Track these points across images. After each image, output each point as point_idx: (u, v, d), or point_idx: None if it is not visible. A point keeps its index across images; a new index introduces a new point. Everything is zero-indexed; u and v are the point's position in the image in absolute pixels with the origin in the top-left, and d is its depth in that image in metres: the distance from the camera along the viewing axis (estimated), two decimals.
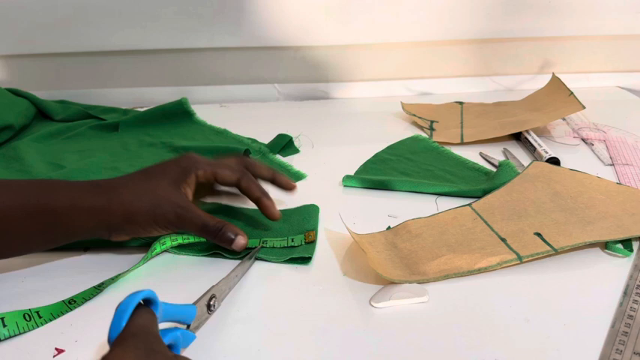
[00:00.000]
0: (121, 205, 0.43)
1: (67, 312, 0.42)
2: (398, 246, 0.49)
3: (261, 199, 0.48)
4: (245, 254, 0.48)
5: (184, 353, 0.37)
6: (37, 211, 0.42)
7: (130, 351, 0.27)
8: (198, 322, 0.39)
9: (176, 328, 0.36)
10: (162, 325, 0.33)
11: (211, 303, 0.40)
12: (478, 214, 0.53)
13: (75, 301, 0.43)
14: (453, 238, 0.49)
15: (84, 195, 0.44)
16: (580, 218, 0.51)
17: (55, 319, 0.41)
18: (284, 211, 0.54)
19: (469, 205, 0.54)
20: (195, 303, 0.38)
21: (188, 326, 0.37)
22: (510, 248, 0.47)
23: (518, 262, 0.46)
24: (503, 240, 0.49)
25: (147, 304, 0.32)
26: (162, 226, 0.44)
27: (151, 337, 0.29)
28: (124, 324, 0.29)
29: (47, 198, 0.43)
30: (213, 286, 0.41)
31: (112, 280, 0.45)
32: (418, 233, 0.50)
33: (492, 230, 0.50)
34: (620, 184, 0.58)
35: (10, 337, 0.39)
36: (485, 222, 0.51)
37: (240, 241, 0.46)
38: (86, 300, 0.43)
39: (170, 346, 0.34)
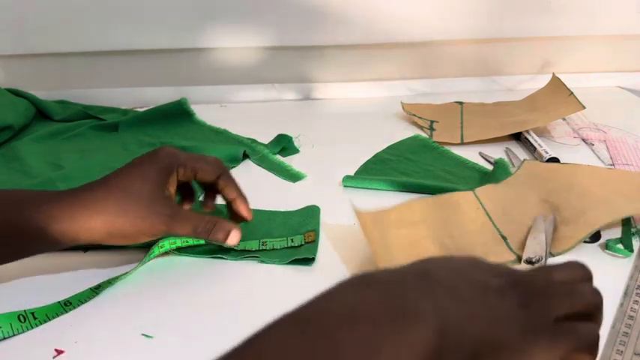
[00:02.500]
0: (103, 222, 0.40)
1: (62, 313, 0.42)
2: (400, 230, 0.49)
3: (237, 200, 0.46)
4: (245, 256, 0.48)
5: None
6: None
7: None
8: None
9: None
10: None
11: None
12: (481, 204, 0.53)
13: (70, 303, 0.42)
14: (456, 229, 0.50)
15: (57, 214, 0.40)
16: (575, 211, 0.51)
17: (50, 320, 0.41)
18: (285, 213, 0.54)
19: (472, 189, 0.55)
20: None
21: None
22: (510, 248, 0.48)
23: (518, 263, 0.46)
24: (504, 238, 0.49)
25: None
26: (152, 235, 0.43)
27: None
28: None
29: (10, 215, 0.39)
30: None
31: (109, 282, 0.44)
32: (423, 217, 0.50)
33: (494, 226, 0.51)
34: (612, 167, 0.58)
35: (4, 338, 0.39)
36: (488, 215, 0.52)
37: (234, 237, 0.45)
38: (82, 302, 0.43)
39: None
